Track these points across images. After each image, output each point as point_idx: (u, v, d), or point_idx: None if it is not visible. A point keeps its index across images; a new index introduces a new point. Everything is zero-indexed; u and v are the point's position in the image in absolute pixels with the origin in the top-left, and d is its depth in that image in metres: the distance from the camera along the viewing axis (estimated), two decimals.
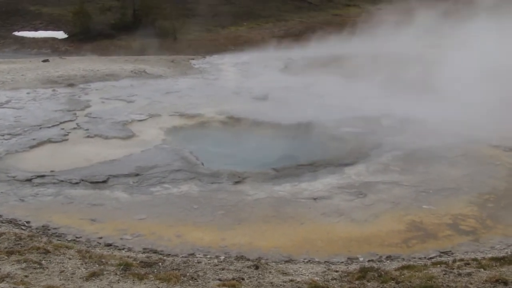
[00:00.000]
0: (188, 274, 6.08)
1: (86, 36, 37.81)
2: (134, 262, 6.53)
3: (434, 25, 24.65)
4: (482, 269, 6.15)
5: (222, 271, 6.33)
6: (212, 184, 10.54)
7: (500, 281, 5.62)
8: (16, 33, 39.73)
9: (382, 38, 27.63)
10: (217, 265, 6.67)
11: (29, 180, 10.61)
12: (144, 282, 5.67)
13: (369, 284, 5.80)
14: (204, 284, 5.78)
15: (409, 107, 15.79)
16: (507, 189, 10.34)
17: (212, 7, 46.17)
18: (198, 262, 6.80)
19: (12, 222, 8.67)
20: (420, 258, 7.55)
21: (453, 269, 6.23)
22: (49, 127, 14.61)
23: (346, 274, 6.31)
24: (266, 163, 12.00)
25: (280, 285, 5.81)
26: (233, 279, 5.98)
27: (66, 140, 13.63)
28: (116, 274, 5.91)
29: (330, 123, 14.98)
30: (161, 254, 7.55)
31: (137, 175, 10.98)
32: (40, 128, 14.46)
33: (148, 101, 18.30)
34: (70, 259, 6.48)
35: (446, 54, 19.78)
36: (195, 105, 17.54)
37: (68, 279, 5.72)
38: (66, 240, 8.02)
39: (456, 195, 10.01)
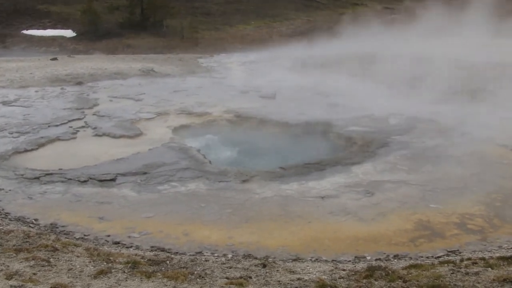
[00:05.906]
0: (195, 272, 6.09)
1: (94, 34, 37.94)
2: (142, 260, 6.55)
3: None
4: (489, 268, 6.11)
5: (230, 270, 6.33)
6: (220, 182, 10.55)
7: (507, 280, 5.58)
8: (25, 32, 39.86)
9: (389, 37, 27.57)
10: (224, 264, 6.68)
11: (37, 178, 10.67)
12: (152, 280, 5.68)
13: (376, 283, 5.78)
14: (211, 282, 5.78)
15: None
16: None
17: (219, 5, 46.28)
18: (206, 261, 6.82)
19: (21, 220, 8.73)
20: (427, 257, 7.54)
21: (461, 268, 6.20)
22: (57, 125, 14.71)
23: (353, 273, 6.29)
24: (273, 161, 11.99)
25: (288, 283, 5.80)
26: (241, 277, 5.98)
27: (74, 138, 13.72)
28: (124, 272, 5.92)
29: (337, 122, 14.97)
30: (168, 252, 7.58)
31: (144, 173, 11.00)
32: (49, 126, 14.55)
33: (156, 99, 18.36)
34: (78, 257, 6.51)
35: None
36: (203, 104, 17.58)
37: (76, 277, 5.74)
38: (74, 238, 8.06)
39: (464, 194, 9.96)
